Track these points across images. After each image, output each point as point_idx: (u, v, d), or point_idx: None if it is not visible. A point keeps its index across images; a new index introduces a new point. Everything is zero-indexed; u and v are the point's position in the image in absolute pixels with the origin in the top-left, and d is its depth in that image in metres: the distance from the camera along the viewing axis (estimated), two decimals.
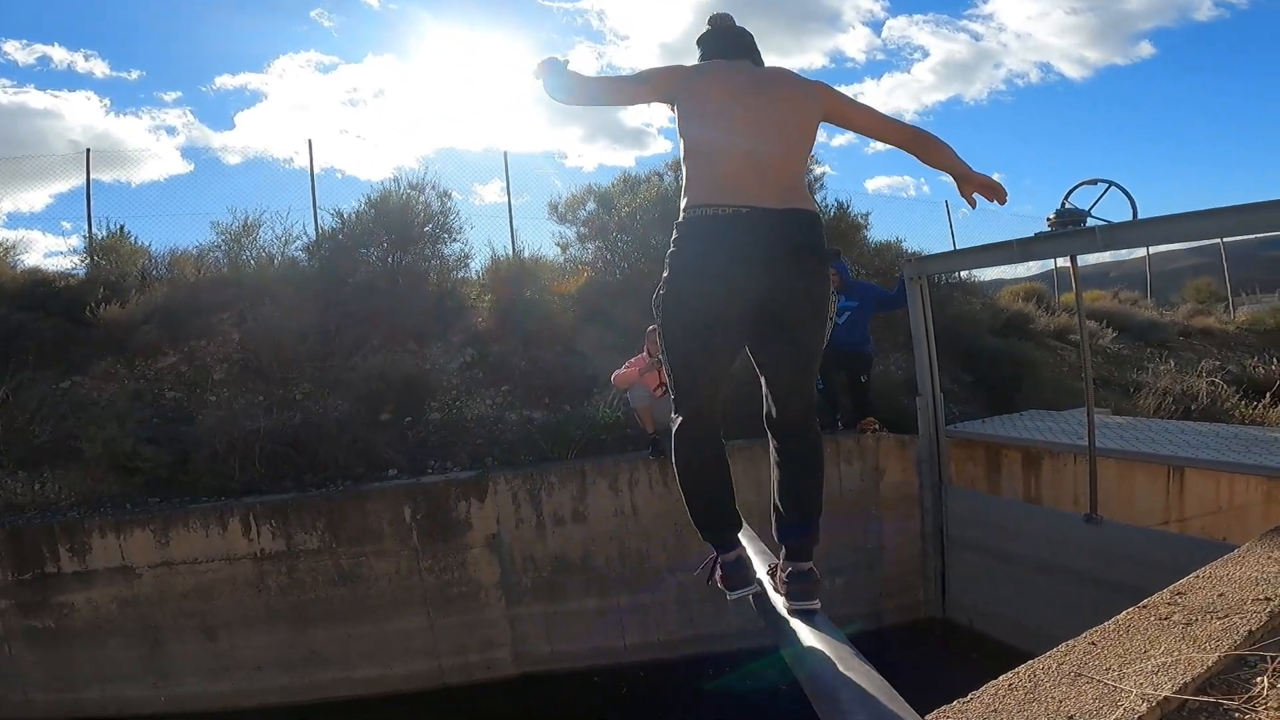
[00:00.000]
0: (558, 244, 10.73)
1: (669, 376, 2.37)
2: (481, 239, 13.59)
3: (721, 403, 2.36)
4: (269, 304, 8.21)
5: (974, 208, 2.53)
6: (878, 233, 12.19)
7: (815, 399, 2.42)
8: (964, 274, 11.47)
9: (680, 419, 2.34)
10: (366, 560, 6.44)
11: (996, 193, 2.48)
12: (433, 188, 9.86)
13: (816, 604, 2.25)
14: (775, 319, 2.22)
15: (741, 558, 2.38)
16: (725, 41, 2.57)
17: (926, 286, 7.26)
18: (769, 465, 2.41)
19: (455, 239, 9.83)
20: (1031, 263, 11.45)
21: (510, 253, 10.15)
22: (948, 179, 2.52)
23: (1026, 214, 21.14)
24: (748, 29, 2.63)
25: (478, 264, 10.22)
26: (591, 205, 10.50)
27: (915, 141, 2.52)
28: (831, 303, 2.38)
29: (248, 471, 6.60)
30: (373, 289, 8.78)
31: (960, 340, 9.32)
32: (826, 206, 10.78)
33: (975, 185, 2.48)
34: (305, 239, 9.44)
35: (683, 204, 2.28)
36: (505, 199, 10.78)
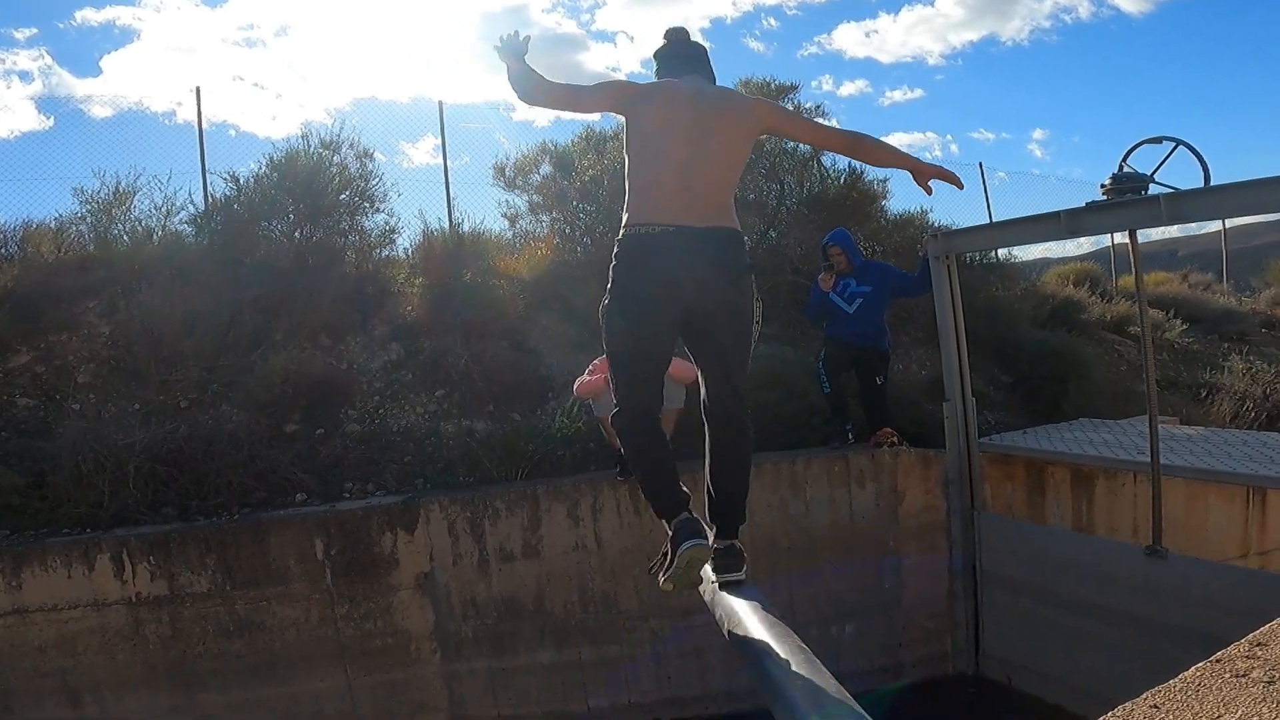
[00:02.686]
0: (505, 215, 10.79)
1: (614, 374, 3.19)
2: (411, 209, 13.53)
3: (660, 400, 3.22)
4: (146, 289, 8.09)
5: (930, 194, 3.30)
6: (898, 203, 12.25)
7: (743, 393, 3.19)
8: (1001, 252, 11.55)
9: (618, 409, 3.17)
10: (268, 606, 6.36)
11: (951, 179, 3.23)
12: (350, 146, 9.80)
13: (742, 575, 3.06)
14: (700, 324, 3.07)
15: (689, 518, 3.05)
16: (680, 57, 3.41)
17: (955, 267, 7.29)
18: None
19: (379, 209, 9.80)
20: (1083, 239, 11.60)
21: (447, 226, 10.10)
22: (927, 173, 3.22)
23: (1076, 179, 21.45)
24: (702, 43, 3.47)
25: (406, 240, 10.15)
26: (546, 168, 10.49)
27: (855, 145, 3.36)
28: (756, 309, 3.15)
29: (120, 497, 6.50)
30: (276, 270, 8.68)
31: (996, 333, 9.38)
32: (836, 172, 10.84)
33: (930, 175, 3.21)
34: (192, 209, 9.31)
35: (623, 221, 3.11)
36: (440, 160, 10.71)
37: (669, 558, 3.03)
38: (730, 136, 3.16)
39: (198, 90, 9.95)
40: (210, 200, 9.43)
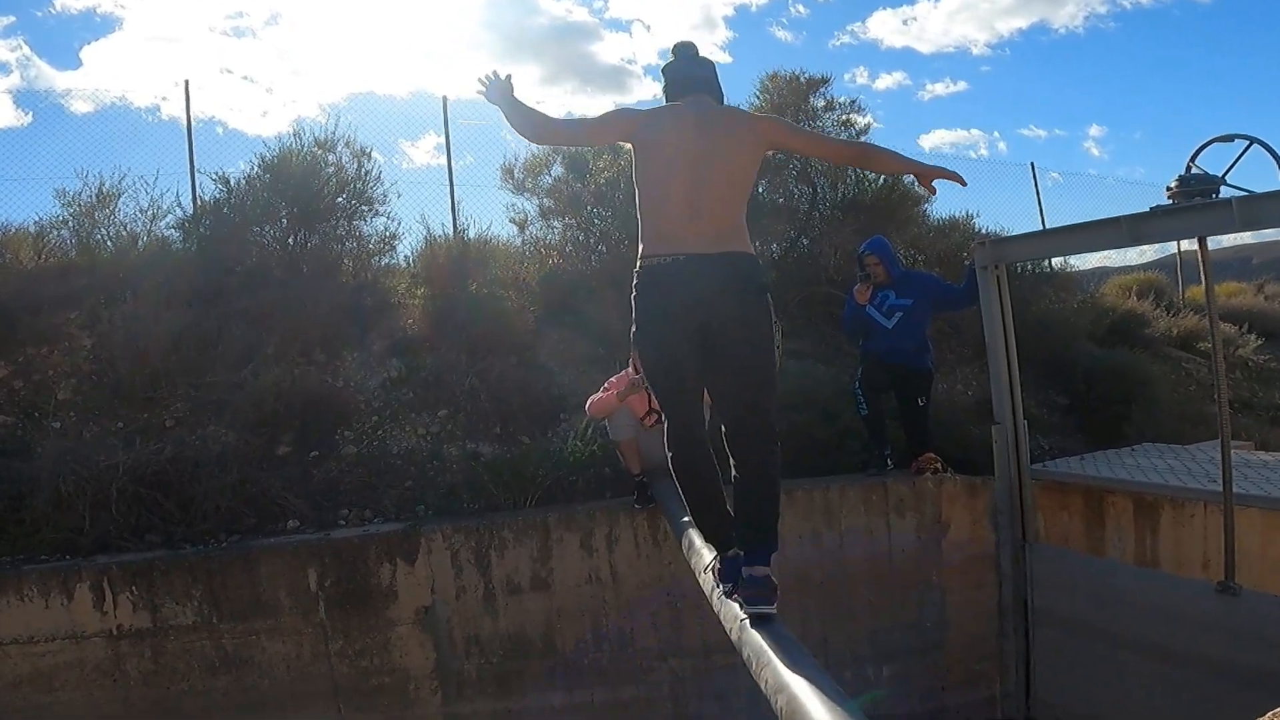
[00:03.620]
0: (513, 220, 10.76)
1: (657, 399, 3.85)
2: (412, 213, 13.54)
3: (701, 418, 3.75)
4: (131, 299, 8.16)
5: (934, 195, 4.11)
6: (942, 206, 12.24)
7: (770, 414, 3.58)
8: (1056, 262, 11.49)
9: (668, 434, 3.69)
10: (257, 640, 6.39)
11: (954, 177, 3.71)
12: (346, 145, 9.85)
13: (772, 609, 3.35)
14: (718, 345, 3.46)
15: (739, 555, 3.52)
16: (688, 75, 3.83)
17: (1005, 277, 7.28)
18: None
19: (377, 212, 9.87)
20: (1146, 246, 11.50)
21: (450, 232, 10.16)
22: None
23: (1138, 180, 21.20)
24: (710, 59, 3.91)
25: (407, 246, 10.21)
26: (558, 169, 10.51)
27: (864, 155, 4.09)
28: (776, 331, 3.55)
29: (101, 521, 6.54)
30: (268, 279, 8.77)
31: (1050, 349, 9.36)
32: (873, 173, 10.81)
33: (933, 175, 3.70)
34: (179, 213, 9.40)
35: (639, 252, 3.58)
36: (443, 160, 10.79)
37: (715, 577, 3.69)
38: (735, 160, 3.58)
39: (186, 84, 10.05)
40: (198, 203, 9.51)
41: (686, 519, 4.67)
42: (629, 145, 3.75)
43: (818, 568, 6.96)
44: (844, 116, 11.03)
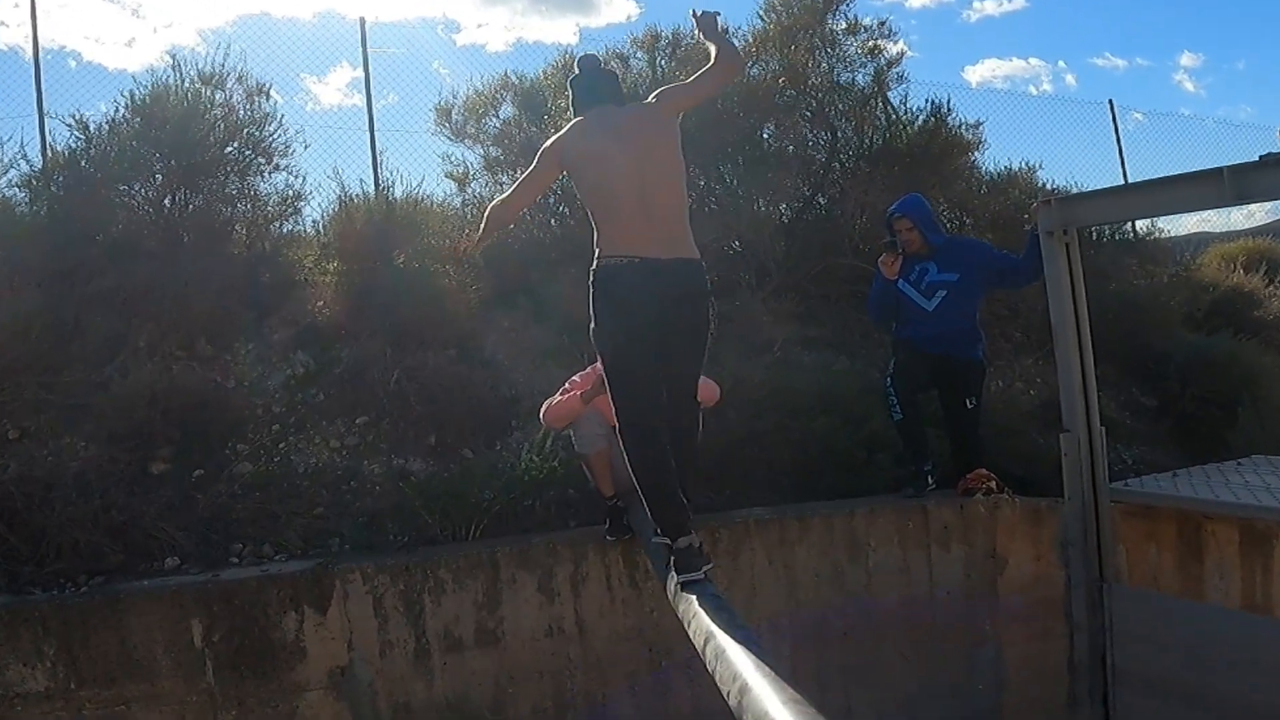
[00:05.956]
0: (451, 176, 10.84)
1: (610, 394, 4.80)
2: (322, 166, 13.38)
3: (660, 409, 4.72)
4: None
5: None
6: (995, 155, 12.25)
7: (697, 401, 5.16)
8: (1139, 225, 11.56)
9: (628, 433, 4.68)
10: (128, 711, 6.35)
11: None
12: (238, 80, 9.85)
13: (701, 575, 4.40)
14: (666, 340, 4.63)
15: (692, 545, 4.51)
16: (593, 86, 5.09)
17: (1077, 245, 7.33)
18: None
19: (278, 166, 9.89)
20: (1254, 205, 11.56)
21: (371, 190, 10.21)
22: None
23: (1242, 122, 21.22)
24: (613, 70, 5.47)
25: (316, 209, 10.19)
26: (508, 109, 10.56)
27: (720, 65, 4.80)
28: (711, 325, 4.79)
29: None
30: (139, 251, 8.75)
31: (1135, 337, 9.42)
32: (913, 112, 10.84)
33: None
34: (25, 167, 9.33)
35: (596, 253, 4.65)
36: (361, 100, 10.80)
37: (666, 562, 4.58)
38: (663, 151, 4.71)
39: (32, 5, 10.00)
40: (50, 155, 9.48)
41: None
42: (565, 170, 5.10)
43: (839, 614, 7.00)
44: (870, 42, 10.98)
